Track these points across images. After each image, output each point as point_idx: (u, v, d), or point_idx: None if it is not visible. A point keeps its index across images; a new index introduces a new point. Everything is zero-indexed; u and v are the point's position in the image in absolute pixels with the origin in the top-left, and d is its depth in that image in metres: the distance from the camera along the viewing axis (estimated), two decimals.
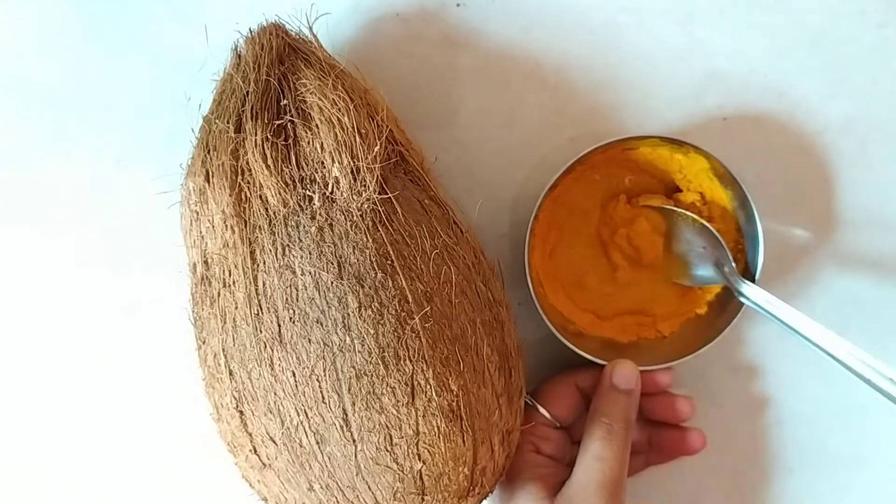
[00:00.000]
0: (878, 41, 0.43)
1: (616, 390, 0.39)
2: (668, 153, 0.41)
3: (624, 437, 0.38)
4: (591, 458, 0.37)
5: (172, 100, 0.42)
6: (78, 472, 0.45)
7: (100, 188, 0.43)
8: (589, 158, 0.40)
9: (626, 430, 0.38)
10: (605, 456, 0.37)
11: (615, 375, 0.39)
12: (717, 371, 0.45)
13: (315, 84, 0.35)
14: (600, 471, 0.36)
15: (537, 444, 0.40)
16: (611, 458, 0.37)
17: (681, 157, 0.41)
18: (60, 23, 0.43)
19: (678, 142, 0.40)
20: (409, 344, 0.32)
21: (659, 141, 0.40)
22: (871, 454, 0.45)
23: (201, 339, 0.35)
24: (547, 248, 0.42)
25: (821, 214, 0.44)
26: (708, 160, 0.40)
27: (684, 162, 0.42)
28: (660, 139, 0.40)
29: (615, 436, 0.37)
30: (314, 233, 0.33)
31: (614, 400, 0.39)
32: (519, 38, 0.43)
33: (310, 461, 0.32)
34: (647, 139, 0.40)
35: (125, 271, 0.44)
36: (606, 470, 0.36)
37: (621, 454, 0.37)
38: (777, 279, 0.44)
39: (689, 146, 0.40)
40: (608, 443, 0.37)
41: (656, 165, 0.42)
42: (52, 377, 0.44)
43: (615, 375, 0.39)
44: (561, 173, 0.39)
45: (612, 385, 0.39)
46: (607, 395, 0.39)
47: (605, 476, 0.36)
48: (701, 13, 0.43)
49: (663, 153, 0.41)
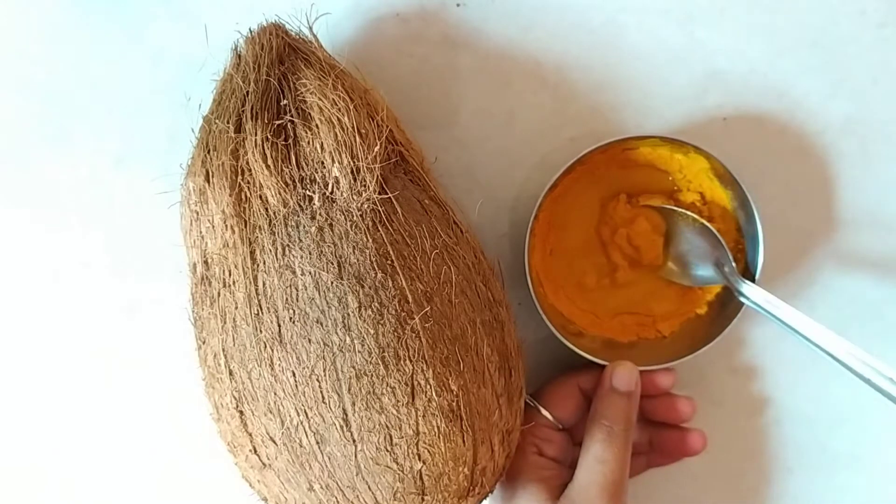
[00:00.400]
0: (878, 41, 0.43)
1: (616, 392, 0.39)
2: (668, 153, 0.41)
3: (624, 439, 0.38)
4: (593, 461, 0.37)
5: (172, 100, 0.42)
6: (78, 472, 0.45)
7: (100, 188, 0.43)
8: (589, 158, 0.40)
9: (626, 433, 0.38)
10: (606, 458, 0.37)
11: (615, 377, 0.39)
12: (717, 371, 0.45)
13: (315, 84, 0.35)
14: (602, 473, 0.36)
15: (540, 446, 0.40)
16: (612, 461, 0.37)
17: (681, 156, 0.41)
18: (60, 22, 0.43)
19: (678, 142, 0.40)
20: (409, 344, 0.32)
21: (659, 141, 0.40)
22: (870, 454, 0.45)
23: (201, 339, 0.35)
24: (547, 248, 0.42)
25: (821, 214, 0.44)
26: (708, 160, 0.40)
27: (684, 162, 0.42)
28: (660, 139, 0.40)
29: (616, 438, 0.37)
30: (314, 233, 0.33)
31: (614, 402, 0.39)
32: (519, 38, 0.43)
33: (310, 461, 0.32)
34: (647, 139, 0.40)
35: (125, 271, 0.44)
36: (608, 472, 0.36)
37: (622, 456, 0.37)
38: (777, 279, 0.44)
39: (689, 146, 0.40)
40: (609, 445, 0.37)
41: (656, 165, 0.42)
42: (53, 377, 0.44)
43: (615, 377, 0.39)
44: (561, 173, 0.39)
45: (612, 387, 0.39)
46: (607, 397, 0.39)
47: (607, 478, 0.36)
48: (701, 13, 0.43)
49: (663, 153, 0.42)
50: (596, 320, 0.43)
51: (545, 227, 0.42)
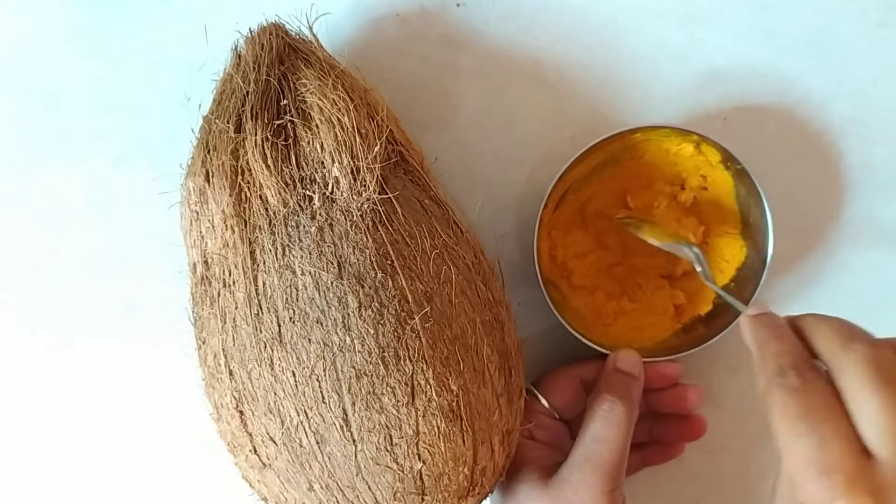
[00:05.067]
0: (878, 41, 0.43)
1: (620, 372, 0.38)
2: (675, 145, 0.41)
3: (627, 419, 0.35)
4: (590, 439, 0.35)
5: (172, 100, 0.42)
6: (78, 472, 0.45)
7: (100, 188, 0.43)
8: (595, 151, 0.40)
9: (629, 411, 0.36)
10: (604, 437, 0.35)
11: (619, 360, 0.38)
12: (717, 371, 0.45)
13: (315, 84, 0.35)
14: (598, 452, 0.34)
15: (532, 431, 0.39)
16: (611, 440, 0.35)
17: (688, 147, 0.41)
18: (60, 23, 0.43)
19: (685, 131, 0.40)
20: (409, 344, 0.32)
21: (670, 131, 0.40)
22: None
23: (201, 339, 0.35)
24: (553, 241, 0.42)
25: (821, 214, 0.44)
26: (718, 151, 0.40)
27: (690, 152, 0.41)
28: (670, 129, 0.40)
29: (617, 416, 0.35)
30: (314, 233, 0.33)
31: (618, 379, 0.37)
32: (519, 38, 0.43)
33: (310, 461, 0.32)
34: (656, 129, 0.40)
35: (125, 271, 0.44)
36: (605, 451, 0.34)
37: (622, 437, 0.35)
38: (777, 279, 0.44)
39: (695, 135, 0.40)
40: (609, 422, 0.35)
41: (664, 157, 0.42)
42: (53, 377, 0.44)
43: (619, 360, 0.38)
44: (567, 166, 0.39)
45: (616, 368, 0.38)
46: (611, 376, 0.38)
47: (604, 457, 0.34)
48: (701, 13, 0.43)
49: (671, 145, 0.41)
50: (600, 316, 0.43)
51: (553, 220, 0.42)
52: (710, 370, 0.45)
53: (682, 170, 0.42)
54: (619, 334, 0.43)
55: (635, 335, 0.43)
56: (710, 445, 0.43)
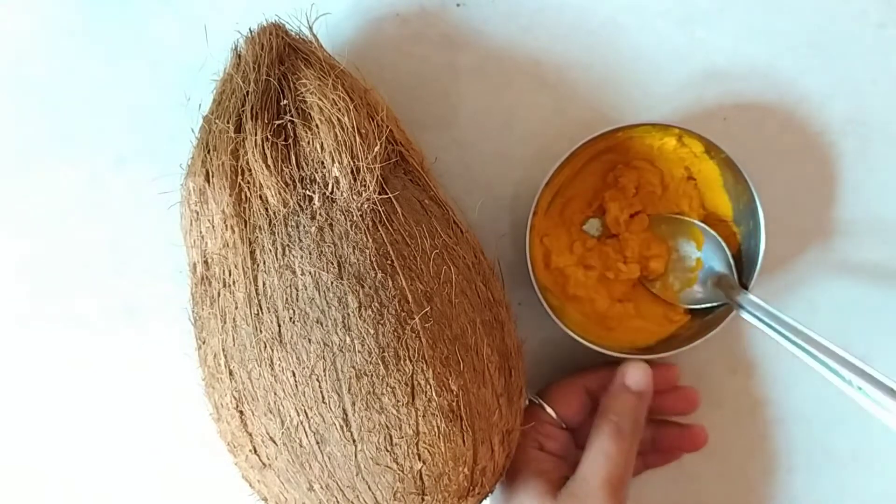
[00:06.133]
0: (878, 41, 0.43)
1: (628, 391, 0.39)
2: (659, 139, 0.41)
3: (631, 438, 0.37)
4: (598, 454, 0.37)
5: (172, 100, 0.42)
6: (78, 472, 0.45)
7: (100, 188, 0.43)
8: (585, 150, 0.40)
9: (634, 432, 0.38)
10: (611, 453, 0.36)
11: (628, 376, 0.39)
12: (717, 371, 0.45)
13: (315, 84, 0.35)
14: (605, 467, 0.36)
15: (541, 442, 0.40)
16: (617, 456, 0.36)
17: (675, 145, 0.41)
18: (61, 22, 0.43)
19: (680, 129, 0.40)
20: (409, 344, 0.32)
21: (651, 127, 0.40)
22: (870, 453, 0.45)
23: (201, 339, 0.35)
24: (547, 244, 0.42)
25: (821, 215, 0.44)
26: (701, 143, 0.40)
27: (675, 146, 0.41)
28: (651, 125, 0.40)
29: (622, 434, 0.37)
30: (314, 233, 0.33)
31: (625, 400, 0.39)
32: (519, 38, 0.43)
33: (310, 461, 0.32)
34: (637, 127, 0.40)
35: (125, 271, 0.44)
36: (612, 467, 0.36)
37: (627, 453, 0.37)
38: (777, 279, 0.44)
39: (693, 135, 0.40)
40: (615, 440, 0.37)
41: (648, 153, 0.42)
42: (53, 377, 0.44)
43: (628, 376, 0.39)
44: (557, 166, 0.39)
45: (625, 385, 0.39)
46: (619, 395, 0.39)
47: (610, 472, 0.36)
48: (701, 13, 0.43)
49: (653, 140, 0.41)
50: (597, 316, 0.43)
51: (545, 222, 0.42)
52: (710, 371, 0.45)
53: (667, 162, 0.42)
54: (619, 335, 0.43)
55: (635, 335, 0.43)
56: (710, 445, 0.43)
